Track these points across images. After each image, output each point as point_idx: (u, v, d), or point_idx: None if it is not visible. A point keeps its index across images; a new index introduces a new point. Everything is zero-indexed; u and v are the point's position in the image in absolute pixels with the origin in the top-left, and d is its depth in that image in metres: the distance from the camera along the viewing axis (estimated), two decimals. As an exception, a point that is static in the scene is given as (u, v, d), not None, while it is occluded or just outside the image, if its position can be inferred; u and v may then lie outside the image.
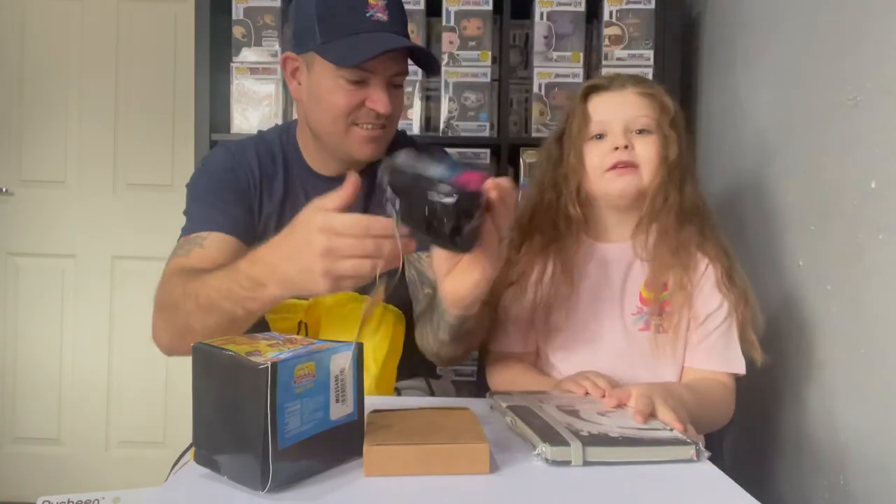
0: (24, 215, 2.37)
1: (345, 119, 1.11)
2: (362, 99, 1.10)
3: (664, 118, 1.06)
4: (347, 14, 1.08)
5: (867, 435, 1.00)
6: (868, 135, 1.01)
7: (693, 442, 0.74)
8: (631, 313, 1.07)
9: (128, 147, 2.36)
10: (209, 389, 0.66)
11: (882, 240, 0.98)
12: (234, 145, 1.22)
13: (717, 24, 1.65)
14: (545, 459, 0.71)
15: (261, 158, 1.19)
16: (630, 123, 1.06)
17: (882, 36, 0.99)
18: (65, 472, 2.37)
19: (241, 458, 0.64)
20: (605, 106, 1.08)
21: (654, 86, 1.10)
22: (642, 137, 1.06)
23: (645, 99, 1.07)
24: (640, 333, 1.06)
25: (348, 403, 0.70)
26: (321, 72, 1.10)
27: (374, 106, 1.10)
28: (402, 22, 1.13)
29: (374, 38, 1.07)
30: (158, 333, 1.11)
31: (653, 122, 1.06)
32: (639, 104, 1.07)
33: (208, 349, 0.66)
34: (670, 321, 1.05)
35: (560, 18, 1.70)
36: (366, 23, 1.07)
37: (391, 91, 1.12)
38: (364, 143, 1.13)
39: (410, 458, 0.68)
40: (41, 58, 2.35)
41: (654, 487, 0.67)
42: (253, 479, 0.63)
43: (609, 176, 1.06)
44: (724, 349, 1.05)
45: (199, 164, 1.24)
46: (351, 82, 1.08)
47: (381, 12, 1.08)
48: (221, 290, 0.91)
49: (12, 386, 2.38)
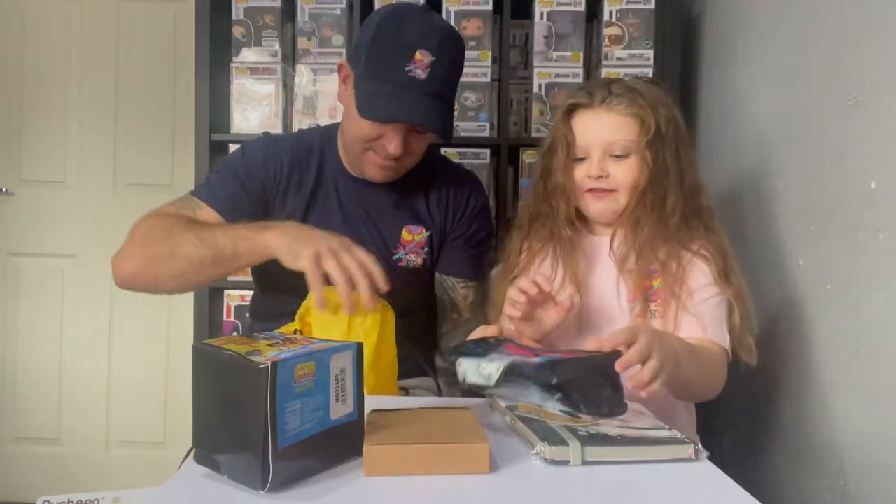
0: (24, 215, 2.37)
1: (362, 144, 1.17)
2: (381, 134, 1.14)
3: (644, 138, 1.06)
4: (390, 60, 1.11)
5: (867, 435, 1.00)
6: (868, 135, 1.01)
7: (692, 441, 0.74)
8: (627, 300, 1.09)
9: (128, 147, 2.36)
10: (209, 389, 0.66)
11: (882, 240, 0.97)
12: (278, 138, 1.31)
13: (717, 24, 1.65)
14: (544, 459, 0.71)
15: (295, 152, 1.25)
16: (608, 148, 1.09)
17: (882, 36, 0.99)
18: (65, 472, 2.37)
19: (240, 458, 0.64)
20: (586, 127, 1.10)
21: (639, 98, 1.09)
22: (620, 162, 1.08)
23: (627, 119, 1.08)
24: (638, 320, 1.08)
25: (348, 403, 0.70)
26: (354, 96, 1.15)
27: (387, 145, 1.14)
28: (445, 82, 1.14)
29: (401, 96, 1.10)
30: (125, 260, 1.13)
31: (632, 144, 1.07)
32: (619, 127, 1.08)
33: (208, 349, 0.66)
34: (665, 307, 1.07)
35: (560, 18, 1.70)
36: (402, 76, 1.10)
37: (413, 136, 1.16)
38: (376, 169, 1.19)
39: (410, 458, 0.68)
40: (41, 58, 2.35)
41: (652, 486, 0.67)
42: (253, 478, 0.63)
43: (588, 197, 1.11)
44: (712, 320, 1.05)
45: (241, 146, 1.29)
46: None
47: (422, 69, 1.10)
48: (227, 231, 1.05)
49: (12, 386, 2.38)
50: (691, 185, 1.10)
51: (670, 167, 1.08)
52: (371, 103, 1.11)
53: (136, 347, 2.37)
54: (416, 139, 1.17)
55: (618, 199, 1.09)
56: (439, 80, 1.13)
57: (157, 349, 2.37)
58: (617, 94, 1.09)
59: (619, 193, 1.09)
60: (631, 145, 1.07)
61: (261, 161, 1.22)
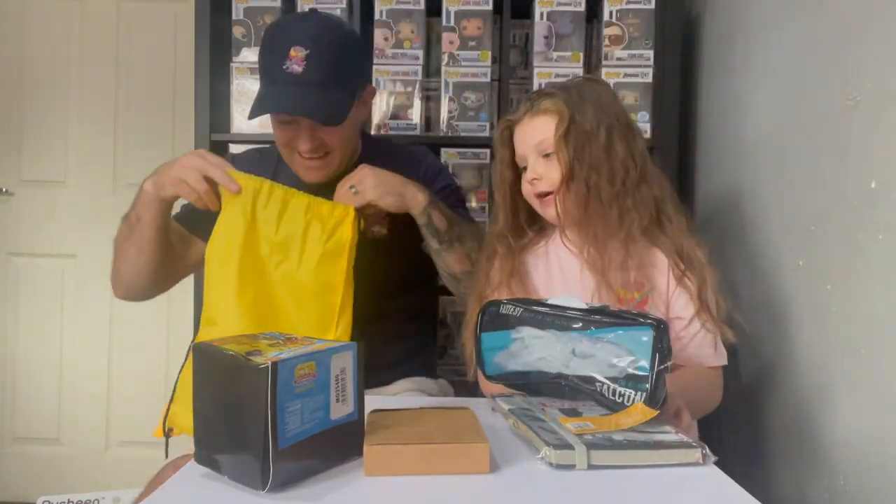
0: (24, 215, 2.37)
1: (284, 149, 1.24)
2: (291, 136, 1.20)
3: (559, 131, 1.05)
4: (270, 62, 1.17)
5: (867, 435, 1.00)
6: (868, 135, 1.01)
7: (699, 445, 0.73)
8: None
9: (128, 147, 2.36)
10: (209, 389, 0.66)
11: (882, 240, 0.97)
12: (237, 155, 1.41)
13: (717, 24, 1.65)
14: (549, 464, 0.70)
15: (252, 164, 1.28)
16: (538, 149, 1.08)
17: (882, 36, 0.99)
18: (65, 472, 2.37)
19: (241, 458, 0.64)
20: (519, 137, 1.12)
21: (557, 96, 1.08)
22: (547, 161, 1.08)
23: (546, 118, 1.07)
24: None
25: (348, 403, 0.70)
26: None
27: (297, 146, 1.21)
28: (327, 72, 1.16)
29: (278, 92, 1.15)
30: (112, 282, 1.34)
31: (553, 139, 1.06)
32: (539, 128, 1.08)
33: (209, 349, 0.66)
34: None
35: (560, 18, 1.70)
36: (280, 74, 1.15)
37: (322, 131, 1.19)
38: (305, 170, 1.24)
39: (410, 458, 0.68)
40: (41, 58, 2.35)
41: (658, 491, 0.67)
42: (253, 478, 0.63)
43: (538, 204, 1.11)
44: (698, 347, 1.06)
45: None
46: (280, 122, 1.20)
47: (297, 64, 1.14)
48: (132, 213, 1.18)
49: (12, 386, 2.38)
50: (637, 178, 1.06)
51: (601, 159, 1.04)
52: (256, 104, 1.17)
53: (136, 347, 2.37)
54: (326, 133, 1.20)
55: (560, 200, 1.07)
56: (319, 71, 1.15)
57: (157, 349, 2.37)
58: (537, 99, 1.10)
59: (558, 194, 1.07)
60: (554, 141, 1.06)
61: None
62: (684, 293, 1.07)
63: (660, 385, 0.77)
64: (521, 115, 1.12)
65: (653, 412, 0.75)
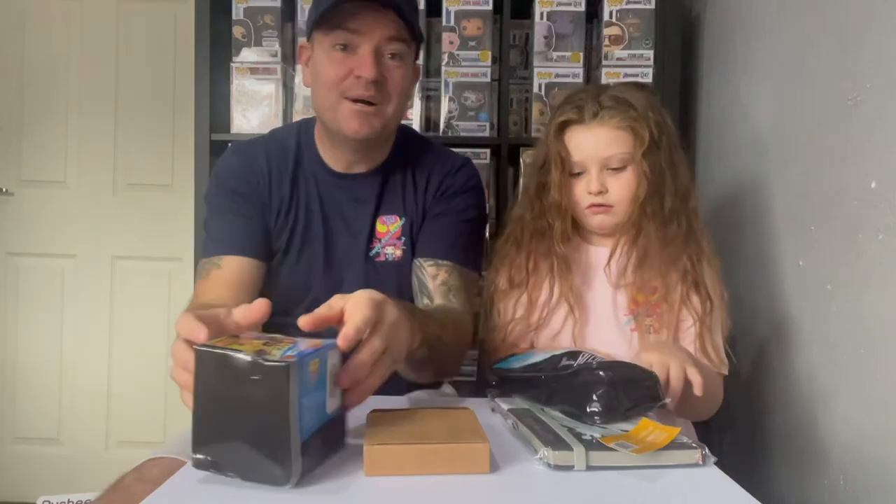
0: (24, 215, 2.37)
1: (335, 90, 1.09)
2: (351, 68, 1.07)
3: (640, 150, 1.07)
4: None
5: (867, 435, 1.00)
6: (868, 135, 1.01)
7: (699, 446, 0.73)
8: (623, 314, 1.10)
9: (128, 147, 2.36)
10: (218, 392, 0.65)
11: (882, 240, 0.97)
12: (245, 146, 1.22)
13: (717, 24, 1.65)
14: (547, 464, 0.70)
15: (271, 157, 1.19)
16: (605, 162, 1.09)
17: (882, 36, 0.99)
18: (65, 472, 2.37)
19: (259, 458, 0.64)
20: (580, 142, 1.10)
21: (630, 110, 1.08)
22: (617, 175, 1.09)
23: (620, 133, 1.07)
24: (633, 334, 1.08)
25: (337, 396, 0.72)
26: (318, 49, 1.11)
27: (358, 72, 1.07)
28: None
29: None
30: None
31: (628, 156, 1.08)
32: (613, 141, 1.08)
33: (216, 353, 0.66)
34: (661, 322, 1.08)
35: (560, 18, 1.70)
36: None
37: (384, 62, 1.09)
38: (351, 117, 1.09)
39: (410, 458, 0.68)
40: (41, 58, 2.35)
41: (658, 492, 0.66)
42: (277, 476, 0.63)
43: (587, 213, 1.11)
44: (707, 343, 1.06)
45: (212, 173, 1.23)
46: (341, 52, 1.07)
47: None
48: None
49: (12, 386, 2.38)
50: (684, 188, 1.10)
51: (666, 174, 1.08)
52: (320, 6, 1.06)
53: (135, 347, 2.37)
54: (389, 67, 1.09)
55: (616, 213, 1.10)
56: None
57: (157, 349, 2.36)
58: (607, 106, 1.08)
59: (617, 208, 1.09)
60: (627, 157, 1.08)
61: (241, 176, 1.17)
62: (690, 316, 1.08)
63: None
64: (587, 118, 1.09)
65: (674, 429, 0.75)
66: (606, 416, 0.78)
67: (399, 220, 1.19)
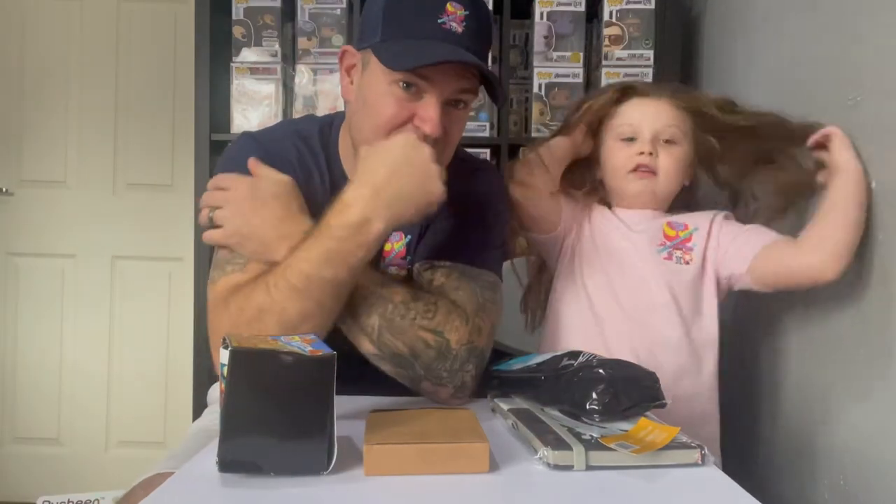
0: (24, 215, 2.37)
1: (386, 132, 0.95)
2: (411, 113, 0.94)
3: (688, 126, 1.14)
4: (417, 15, 0.94)
5: (867, 435, 1.00)
6: (868, 135, 1.01)
7: (698, 446, 0.73)
8: (656, 244, 1.13)
9: (128, 147, 2.36)
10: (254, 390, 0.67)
11: (882, 240, 0.98)
12: (270, 142, 1.05)
13: (717, 24, 1.65)
14: (547, 464, 0.70)
15: (301, 153, 1.05)
16: (659, 132, 1.12)
17: (882, 36, 0.99)
18: (65, 472, 2.37)
19: (300, 449, 0.67)
20: (639, 110, 1.14)
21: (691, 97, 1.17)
22: (667, 147, 1.13)
23: (677, 111, 1.14)
24: (665, 262, 1.12)
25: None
26: (375, 73, 0.95)
27: (421, 124, 0.94)
28: (480, 40, 0.97)
29: (438, 46, 0.92)
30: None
31: (680, 133, 1.13)
32: (672, 114, 1.13)
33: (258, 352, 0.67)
34: (691, 254, 1.12)
35: (560, 18, 1.70)
36: (435, 29, 0.92)
37: (449, 111, 0.96)
38: None
39: (410, 458, 0.68)
40: (41, 58, 2.35)
41: (657, 492, 0.66)
42: (315, 464, 0.67)
43: (630, 177, 1.13)
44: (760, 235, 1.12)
45: (226, 158, 1.04)
46: (404, 90, 0.93)
47: (456, 22, 0.93)
48: (317, 259, 0.85)
49: (12, 386, 2.38)
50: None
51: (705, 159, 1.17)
52: (402, 56, 0.91)
53: (135, 347, 2.37)
54: (453, 118, 0.97)
55: (658, 182, 1.13)
56: (477, 36, 0.95)
57: (157, 349, 2.37)
58: (671, 90, 1.17)
59: (660, 177, 1.13)
60: (679, 134, 1.13)
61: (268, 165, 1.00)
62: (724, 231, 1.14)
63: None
64: (648, 92, 1.16)
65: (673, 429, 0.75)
66: (606, 415, 0.78)
67: (404, 238, 1.08)
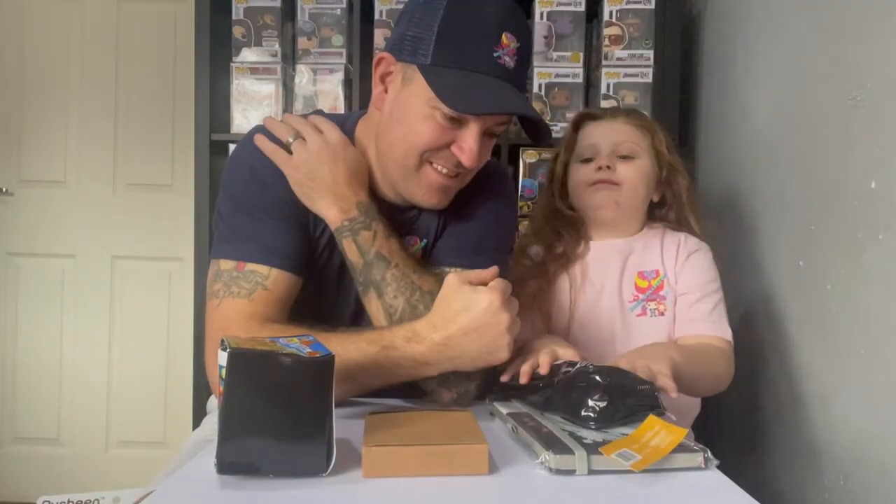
0: (24, 215, 2.37)
1: (420, 155, 0.95)
2: (450, 140, 0.94)
3: (647, 143, 1.18)
4: (473, 45, 0.91)
5: (867, 435, 1.00)
6: (868, 135, 1.01)
7: (701, 449, 0.72)
8: (628, 301, 1.14)
9: (128, 147, 2.36)
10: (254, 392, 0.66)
11: (882, 240, 0.97)
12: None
13: (717, 23, 1.65)
14: (548, 468, 0.69)
15: None
16: (616, 148, 1.17)
17: (882, 36, 0.98)
18: (65, 472, 2.37)
19: (299, 451, 0.67)
20: (596, 131, 1.20)
21: (642, 116, 1.24)
22: (626, 161, 1.17)
23: (632, 128, 1.18)
24: (638, 319, 1.13)
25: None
26: (417, 92, 0.93)
27: (458, 153, 0.94)
28: (525, 69, 0.98)
29: (493, 86, 0.91)
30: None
31: (638, 148, 1.17)
32: (626, 132, 1.18)
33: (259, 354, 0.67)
34: (665, 305, 1.13)
35: (560, 18, 1.70)
36: (490, 64, 0.91)
37: (485, 140, 0.96)
38: (433, 190, 0.97)
39: (409, 459, 0.68)
40: (41, 58, 2.35)
41: (660, 496, 0.66)
42: (314, 465, 0.67)
43: (591, 190, 1.17)
44: (708, 314, 1.12)
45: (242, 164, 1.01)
46: (447, 118, 0.92)
47: (509, 56, 0.92)
48: (367, 366, 0.87)
49: (12, 386, 2.39)
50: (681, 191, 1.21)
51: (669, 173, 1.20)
52: (461, 96, 0.89)
53: (135, 347, 2.37)
54: (485, 148, 0.97)
55: (620, 192, 1.16)
56: (524, 68, 0.95)
57: (156, 349, 2.37)
58: (625, 111, 1.23)
59: (621, 188, 1.15)
60: (637, 149, 1.17)
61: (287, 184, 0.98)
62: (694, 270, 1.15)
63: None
64: (602, 116, 1.22)
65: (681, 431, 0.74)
66: (601, 422, 0.77)
67: (419, 243, 1.07)
